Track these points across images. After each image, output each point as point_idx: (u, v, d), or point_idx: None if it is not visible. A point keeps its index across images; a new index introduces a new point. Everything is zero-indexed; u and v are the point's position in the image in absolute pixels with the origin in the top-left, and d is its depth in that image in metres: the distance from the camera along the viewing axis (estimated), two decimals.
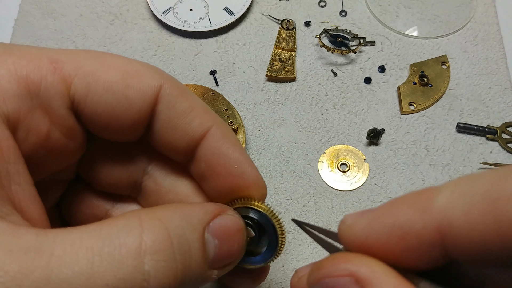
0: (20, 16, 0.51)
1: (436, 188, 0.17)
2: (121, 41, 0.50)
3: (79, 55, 0.23)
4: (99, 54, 0.23)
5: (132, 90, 0.23)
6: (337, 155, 0.44)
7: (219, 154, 0.25)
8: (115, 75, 0.23)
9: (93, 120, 0.23)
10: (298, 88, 0.47)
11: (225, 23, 0.50)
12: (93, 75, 0.22)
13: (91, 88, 0.22)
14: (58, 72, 0.21)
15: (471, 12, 0.51)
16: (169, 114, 0.24)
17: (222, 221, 0.23)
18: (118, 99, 0.23)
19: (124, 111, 0.23)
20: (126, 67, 0.23)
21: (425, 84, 0.47)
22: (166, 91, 0.24)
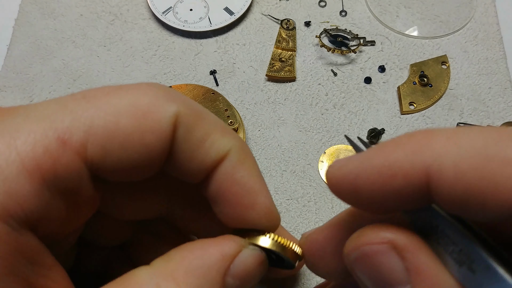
0: (20, 16, 0.51)
1: (431, 132, 0.17)
2: (121, 41, 0.50)
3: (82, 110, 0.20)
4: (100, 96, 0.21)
5: (149, 136, 0.21)
6: (337, 155, 0.44)
7: (232, 182, 0.23)
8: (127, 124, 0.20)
9: (112, 176, 0.21)
10: (298, 88, 0.47)
11: (225, 23, 0.50)
12: (106, 134, 0.20)
13: (108, 150, 0.20)
14: (69, 147, 0.19)
15: (471, 12, 0.51)
16: (186, 145, 0.22)
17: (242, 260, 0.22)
18: (136, 149, 0.20)
19: (144, 157, 0.21)
20: (135, 107, 0.20)
21: (425, 84, 0.47)
22: (182, 119, 0.22)
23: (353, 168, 0.18)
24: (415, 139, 0.17)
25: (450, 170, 0.16)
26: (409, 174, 0.17)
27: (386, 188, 0.17)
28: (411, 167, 0.17)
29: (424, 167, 0.16)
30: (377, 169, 0.18)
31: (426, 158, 0.16)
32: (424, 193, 0.17)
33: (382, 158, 0.18)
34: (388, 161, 0.17)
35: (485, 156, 0.16)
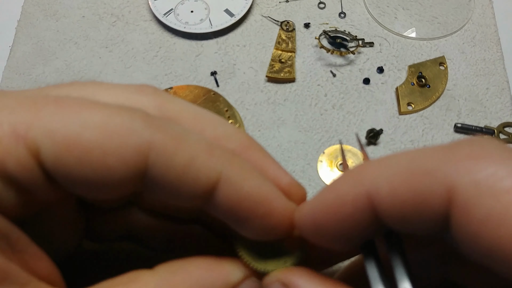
0: (23, 18, 0.52)
1: (368, 162, 0.19)
2: (122, 43, 0.51)
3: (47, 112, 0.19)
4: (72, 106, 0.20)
5: (111, 157, 0.19)
6: (336, 155, 0.44)
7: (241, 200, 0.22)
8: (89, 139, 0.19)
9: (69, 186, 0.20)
10: (298, 88, 0.48)
11: (226, 25, 0.51)
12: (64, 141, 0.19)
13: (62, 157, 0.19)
14: (23, 142, 0.18)
15: (469, 14, 0.52)
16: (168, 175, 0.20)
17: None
18: (94, 168, 0.19)
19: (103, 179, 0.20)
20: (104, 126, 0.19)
21: (423, 85, 0.47)
22: (158, 149, 0.20)
23: (312, 206, 0.21)
24: (355, 171, 0.20)
25: (385, 189, 0.18)
26: (354, 201, 0.19)
27: (340, 217, 0.19)
28: (355, 194, 0.19)
29: (365, 192, 0.18)
30: (329, 202, 0.20)
31: (365, 184, 0.19)
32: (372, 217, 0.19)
33: (332, 192, 0.20)
34: (337, 193, 0.20)
35: (410, 171, 0.18)
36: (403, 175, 0.18)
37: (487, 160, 0.16)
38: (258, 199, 0.22)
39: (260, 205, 0.22)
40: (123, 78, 0.49)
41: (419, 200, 0.17)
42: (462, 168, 0.17)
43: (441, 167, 0.17)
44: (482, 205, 0.16)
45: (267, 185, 0.22)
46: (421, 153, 0.18)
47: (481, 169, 0.16)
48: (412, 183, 0.17)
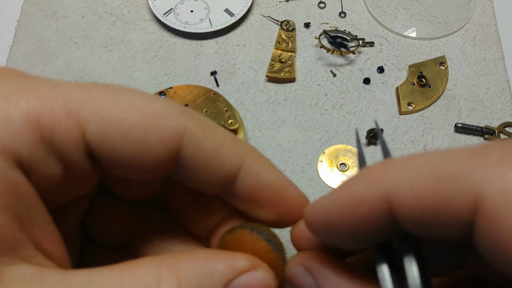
0: (22, 18, 0.52)
1: (388, 162, 0.19)
2: (122, 42, 0.50)
3: (97, 94, 0.21)
4: (118, 91, 0.22)
5: (152, 136, 0.21)
6: (336, 155, 0.44)
7: (260, 187, 0.24)
8: (134, 119, 0.21)
9: (109, 164, 0.22)
10: (298, 88, 0.48)
11: (226, 24, 0.50)
12: (110, 119, 0.21)
13: (108, 134, 0.21)
14: (73, 117, 0.20)
15: (469, 14, 0.52)
16: (198, 158, 0.23)
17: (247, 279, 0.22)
18: (136, 145, 0.21)
19: (143, 157, 0.22)
20: (146, 108, 0.22)
21: (424, 84, 0.47)
22: (191, 133, 0.22)
23: (325, 204, 0.20)
24: (374, 171, 0.19)
25: (406, 192, 0.17)
26: (372, 201, 0.18)
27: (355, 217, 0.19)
28: (373, 195, 0.18)
29: (384, 193, 0.18)
30: (344, 201, 0.19)
31: (385, 185, 0.18)
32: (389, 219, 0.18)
33: (347, 191, 0.19)
34: (353, 193, 0.19)
35: (435, 175, 0.17)
36: (427, 179, 0.17)
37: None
38: (276, 187, 0.24)
39: (278, 192, 0.24)
40: (123, 78, 0.49)
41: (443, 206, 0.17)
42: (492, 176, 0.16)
43: (469, 172, 0.16)
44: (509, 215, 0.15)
45: (283, 176, 0.25)
46: (447, 156, 0.17)
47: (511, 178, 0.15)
48: (436, 187, 0.17)
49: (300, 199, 0.25)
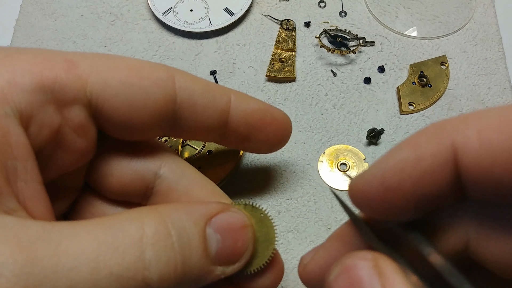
0: (21, 17, 0.52)
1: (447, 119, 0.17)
2: (121, 42, 0.50)
3: (91, 55, 0.23)
4: (108, 55, 0.24)
5: (147, 80, 0.23)
6: (337, 155, 0.44)
7: (252, 112, 0.28)
8: (128, 69, 0.23)
9: (112, 116, 0.23)
10: (298, 88, 0.47)
11: (225, 24, 0.50)
12: (108, 71, 0.23)
13: (108, 83, 0.22)
14: (73, 71, 0.22)
15: (470, 13, 0.51)
16: (193, 98, 0.25)
17: (225, 216, 0.23)
18: (135, 90, 0.23)
19: (142, 102, 0.23)
20: (136, 63, 0.24)
21: (425, 84, 0.47)
22: (180, 80, 0.25)
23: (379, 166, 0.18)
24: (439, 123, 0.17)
25: (474, 141, 0.15)
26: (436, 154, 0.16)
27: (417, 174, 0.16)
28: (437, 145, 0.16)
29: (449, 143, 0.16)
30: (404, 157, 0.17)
31: (450, 134, 0.16)
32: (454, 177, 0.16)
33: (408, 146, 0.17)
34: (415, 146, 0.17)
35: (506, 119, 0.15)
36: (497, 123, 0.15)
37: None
38: (263, 110, 0.29)
39: (266, 113, 0.29)
40: None
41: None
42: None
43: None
44: None
45: (264, 102, 0.30)
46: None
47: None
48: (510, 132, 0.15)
49: (284, 115, 0.31)
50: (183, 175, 0.27)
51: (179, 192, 0.26)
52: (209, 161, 0.41)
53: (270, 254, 0.25)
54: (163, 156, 0.27)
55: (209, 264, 0.21)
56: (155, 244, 0.19)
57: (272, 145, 0.31)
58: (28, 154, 0.20)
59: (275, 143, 0.30)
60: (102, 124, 0.24)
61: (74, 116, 0.22)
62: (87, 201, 0.27)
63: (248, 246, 0.23)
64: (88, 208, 0.27)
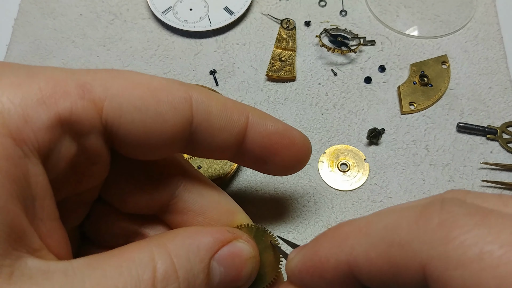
0: (20, 16, 0.51)
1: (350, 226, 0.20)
2: (121, 41, 0.50)
3: (104, 75, 0.22)
4: (122, 72, 0.23)
5: (164, 105, 0.22)
6: (337, 155, 0.43)
7: (269, 135, 0.26)
8: (144, 92, 0.22)
9: (127, 141, 0.22)
10: (298, 87, 0.47)
11: (225, 23, 0.50)
12: (123, 95, 0.21)
13: (124, 109, 0.21)
14: (88, 96, 0.21)
15: (472, 12, 0.51)
16: (210, 120, 0.24)
17: (230, 248, 0.23)
18: (151, 116, 0.22)
19: (159, 127, 0.22)
20: (152, 83, 0.23)
21: (425, 84, 0.47)
22: (197, 100, 0.24)
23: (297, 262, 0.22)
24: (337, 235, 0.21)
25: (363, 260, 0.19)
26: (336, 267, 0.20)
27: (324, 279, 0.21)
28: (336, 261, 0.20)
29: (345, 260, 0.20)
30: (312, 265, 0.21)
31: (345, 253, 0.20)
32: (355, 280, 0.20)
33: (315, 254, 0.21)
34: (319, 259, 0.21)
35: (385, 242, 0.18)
36: (379, 247, 0.18)
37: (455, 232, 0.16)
38: (281, 131, 0.27)
39: (284, 136, 0.27)
40: None
41: (396, 272, 0.18)
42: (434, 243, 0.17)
43: (413, 239, 0.17)
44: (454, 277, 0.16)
45: (284, 122, 0.28)
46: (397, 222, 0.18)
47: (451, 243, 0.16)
48: (387, 256, 0.18)
49: (303, 138, 0.28)
50: (200, 195, 0.27)
51: (195, 212, 0.26)
52: (209, 161, 0.41)
53: (272, 280, 0.26)
54: (180, 175, 0.27)
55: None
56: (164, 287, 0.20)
57: (289, 168, 0.29)
58: (46, 192, 0.20)
59: (292, 166, 0.28)
60: (116, 146, 0.23)
61: (90, 144, 0.22)
62: (101, 211, 0.27)
63: (250, 276, 0.25)
64: (103, 219, 0.27)
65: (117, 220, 0.27)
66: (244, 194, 0.41)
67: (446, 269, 0.16)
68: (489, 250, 0.15)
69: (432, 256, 0.17)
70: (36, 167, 0.19)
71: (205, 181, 0.28)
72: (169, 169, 0.26)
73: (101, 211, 0.26)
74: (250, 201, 0.41)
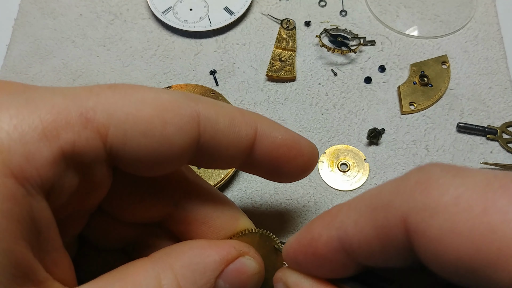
0: (20, 16, 0.51)
1: (340, 205, 0.21)
2: (121, 41, 0.50)
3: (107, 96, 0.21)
4: (126, 89, 0.21)
5: (171, 127, 0.21)
6: (337, 155, 0.43)
7: (278, 147, 0.26)
8: (150, 114, 0.21)
9: (132, 163, 0.22)
10: (298, 88, 0.47)
11: (225, 23, 0.50)
12: (128, 120, 0.20)
13: (129, 135, 0.20)
14: (91, 126, 0.20)
15: (471, 12, 0.51)
16: (217, 137, 0.23)
17: (236, 266, 0.23)
18: (158, 140, 0.21)
19: (166, 150, 0.22)
20: (158, 102, 0.21)
21: (425, 84, 0.47)
22: (205, 116, 0.23)
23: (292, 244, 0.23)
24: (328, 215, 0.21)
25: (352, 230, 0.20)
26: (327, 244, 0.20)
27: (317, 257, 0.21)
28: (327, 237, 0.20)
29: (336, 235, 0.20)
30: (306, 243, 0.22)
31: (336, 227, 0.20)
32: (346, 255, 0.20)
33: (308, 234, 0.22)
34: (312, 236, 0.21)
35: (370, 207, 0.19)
36: (365, 214, 0.19)
37: (431, 184, 0.17)
38: (290, 142, 0.26)
39: (292, 147, 0.26)
40: (121, 77, 0.48)
41: (382, 234, 0.19)
42: (411, 196, 0.18)
43: (394, 198, 0.18)
44: (433, 225, 0.17)
45: (292, 131, 0.27)
46: (380, 189, 0.19)
47: (427, 193, 0.17)
48: (373, 219, 0.19)
49: (311, 148, 0.28)
50: (201, 204, 0.26)
51: (198, 221, 0.26)
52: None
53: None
54: (181, 185, 0.26)
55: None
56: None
57: (296, 177, 0.28)
58: (51, 225, 0.20)
59: (298, 175, 0.28)
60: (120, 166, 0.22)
61: (93, 174, 0.21)
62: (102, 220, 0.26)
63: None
64: (103, 227, 0.26)
65: (117, 227, 0.26)
66: (244, 194, 0.41)
67: (424, 218, 0.17)
68: (464, 195, 0.16)
69: (410, 208, 0.17)
70: (40, 203, 0.19)
71: (206, 187, 0.27)
72: (170, 180, 0.26)
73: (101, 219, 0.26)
74: (250, 202, 0.41)
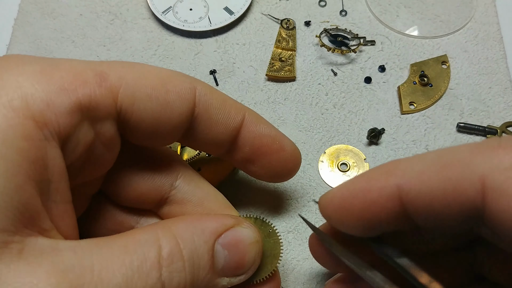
0: (20, 16, 0.51)
1: (397, 160, 0.21)
2: (121, 41, 0.50)
3: (118, 65, 0.23)
4: (133, 63, 0.24)
5: (172, 94, 0.24)
6: (337, 155, 0.43)
7: (261, 136, 0.28)
8: (154, 81, 0.23)
9: (137, 127, 0.24)
10: (298, 87, 0.47)
11: (225, 23, 0.50)
12: (136, 84, 0.23)
13: (137, 97, 0.23)
14: (105, 85, 0.22)
15: (471, 12, 0.51)
16: (209, 112, 0.26)
17: (234, 233, 0.24)
18: (161, 104, 0.24)
19: (167, 115, 0.24)
20: (161, 73, 0.24)
21: (425, 83, 0.47)
22: (201, 92, 0.25)
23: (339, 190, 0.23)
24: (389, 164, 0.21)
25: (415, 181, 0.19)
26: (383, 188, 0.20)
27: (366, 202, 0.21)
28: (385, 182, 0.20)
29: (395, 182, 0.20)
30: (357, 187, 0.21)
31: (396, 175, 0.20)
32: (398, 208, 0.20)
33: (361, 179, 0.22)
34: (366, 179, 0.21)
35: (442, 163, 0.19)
36: (434, 167, 0.19)
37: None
38: (273, 135, 0.28)
39: (275, 140, 0.28)
40: None
41: (451, 190, 0.18)
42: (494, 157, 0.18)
43: (473, 157, 0.18)
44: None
45: (277, 129, 0.29)
46: (451, 148, 0.19)
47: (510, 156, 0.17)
48: (444, 174, 0.18)
49: (293, 148, 0.30)
50: (198, 187, 0.28)
51: (193, 203, 0.27)
52: (208, 162, 0.41)
53: (274, 268, 0.26)
54: (179, 168, 0.28)
55: (215, 277, 0.23)
56: (169, 266, 0.21)
57: (277, 174, 0.30)
58: (62, 175, 0.21)
59: (279, 172, 0.30)
60: (126, 134, 0.24)
61: (106, 130, 0.23)
62: (100, 205, 0.27)
63: (254, 261, 0.25)
64: (101, 212, 0.28)
65: (115, 215, 0.28)
66: (244, 194, 0.41)
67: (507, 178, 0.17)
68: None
69: (493, 167, 0.17)
70: (55, 150, 0.20)
71: (200, 177, 0.29)
72: (168, 162, 0.27)
73: (99, 204, 0.27)
74: (250, 201, 0.41)
